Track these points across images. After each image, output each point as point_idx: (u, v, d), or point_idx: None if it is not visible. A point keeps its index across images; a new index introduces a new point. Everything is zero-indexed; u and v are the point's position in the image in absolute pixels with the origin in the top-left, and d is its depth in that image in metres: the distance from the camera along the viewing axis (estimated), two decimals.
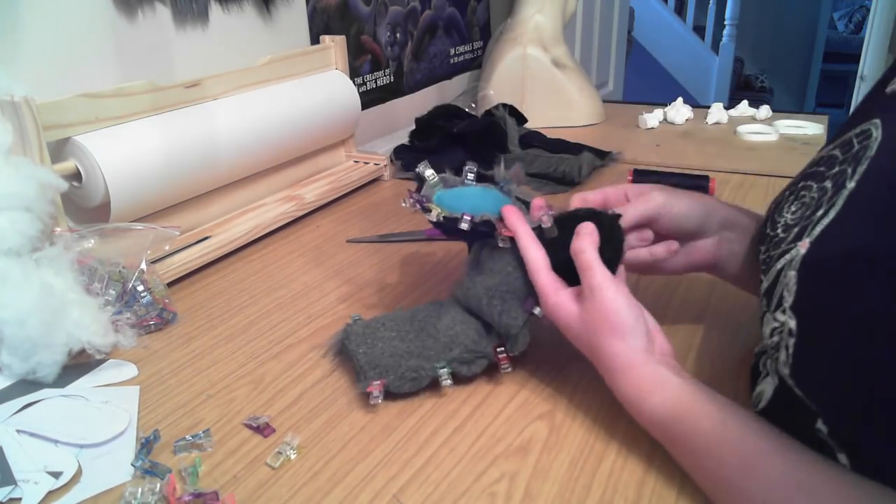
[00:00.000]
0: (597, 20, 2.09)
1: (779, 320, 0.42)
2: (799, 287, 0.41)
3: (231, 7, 0.95)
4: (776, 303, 0.43)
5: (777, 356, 0.41)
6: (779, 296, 0.42)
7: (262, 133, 0.90)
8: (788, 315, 0.40)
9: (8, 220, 0.60)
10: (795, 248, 0.43)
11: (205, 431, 0.52)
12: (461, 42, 1.52)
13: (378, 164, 1.09)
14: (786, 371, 0.40)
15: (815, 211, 0.44)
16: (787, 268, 0.42)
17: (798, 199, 0.48)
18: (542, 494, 0.45)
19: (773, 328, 0.42)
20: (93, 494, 0.46)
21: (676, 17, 3.91)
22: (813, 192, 0.47)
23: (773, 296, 0.43)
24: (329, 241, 0.88)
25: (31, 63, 0.73)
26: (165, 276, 0.73)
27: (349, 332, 0.58)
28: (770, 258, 0.46)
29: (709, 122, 1.36)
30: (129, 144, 0.74)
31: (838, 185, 0.43)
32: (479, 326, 0.56)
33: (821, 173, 0.48)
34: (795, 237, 0.44)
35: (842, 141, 0.48)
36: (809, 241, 0.42)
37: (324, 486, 0.47)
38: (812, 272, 0.40)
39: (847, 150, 0.46)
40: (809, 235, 0.42)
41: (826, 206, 0.43)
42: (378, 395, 0.53)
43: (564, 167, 1.07)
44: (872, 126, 0.45)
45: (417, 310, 0.60)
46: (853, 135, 0.47)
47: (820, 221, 0.42)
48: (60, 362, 0.59)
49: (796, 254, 0.42)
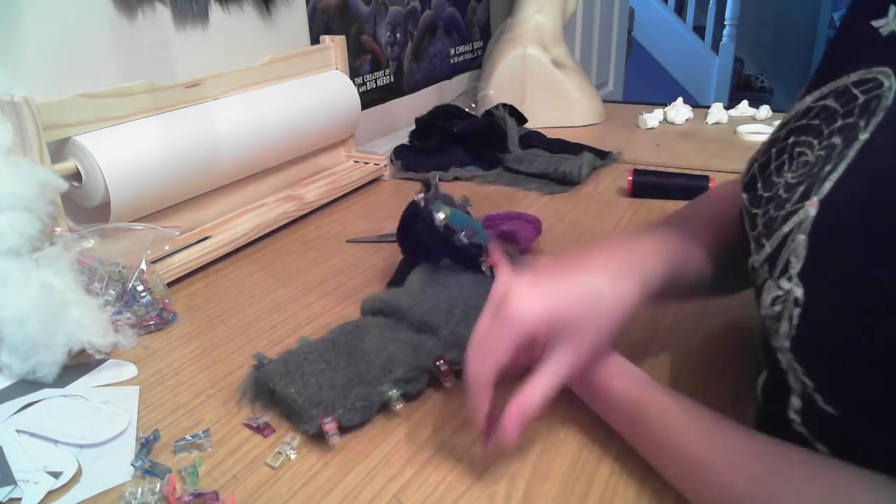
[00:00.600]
0: (597, 20, 2.09)
1: (783, 288, 0.38)
2: (809, 252, 0.37)
3: (231, 7, 0.95)
4: (781, 269, 0.39)
5: (777, 327, 0.38)
6: (784, 261, 0.39)
7: (262, 133, 0.90)
8: (795, 282, 0.37)
9: (8, 220, 0.60)
10: (804, 208, 0.38)
11: (205, 431, 0.52)
12: (461, 42, 1.52)
13: (378, 164, 1.09)
14: (786, 343, 0.38)
15: (823, 165, 0.39)
16: (795, 231, 0.38)
17: (795, 159, 0.44)
18: (542, 494, 0.45)
19: (776, 297, 0.39)
20: (93, 494, 0.46)
21: (676, 17, 3.91)
22: (818, 150, 0.42)
23: (777, 262, 0.39)
24: (329, 241, 0.88)
25: (31, 63, 0.73)
26: (165, 276, 0.73)
27: (269, 372, 0.53)
28: (772, 220, 0.42)
29: (709, 122, 1.36)
30: (129, 144, 0.74)
31: (848, 137, 0.39)
32: (409, 342, 0.56)
33: (816, 127, 0.43)
34: (801, 196, 0.39)
35: (835, 90, 0.43)
36: (818, 201, 0.38)
37: (324, 486, 0.47)
38: (823, 238, 0.37)
39: (848, 101, 0.41)
40: (817, 193, 0.38)
41: (835, 160, 0.39)
42: (335, 433, 0.49)
43: (564, 167, 1.07)
44: (881, 75, 0.40)
45: (332, 336, 0.58)
46: (849, 83, 0.42)
47: (829, 177, 0.38)
48: (60, 362, 0.59)
49: (805, 216, 0.38)
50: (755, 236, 0.44)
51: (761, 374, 0.46)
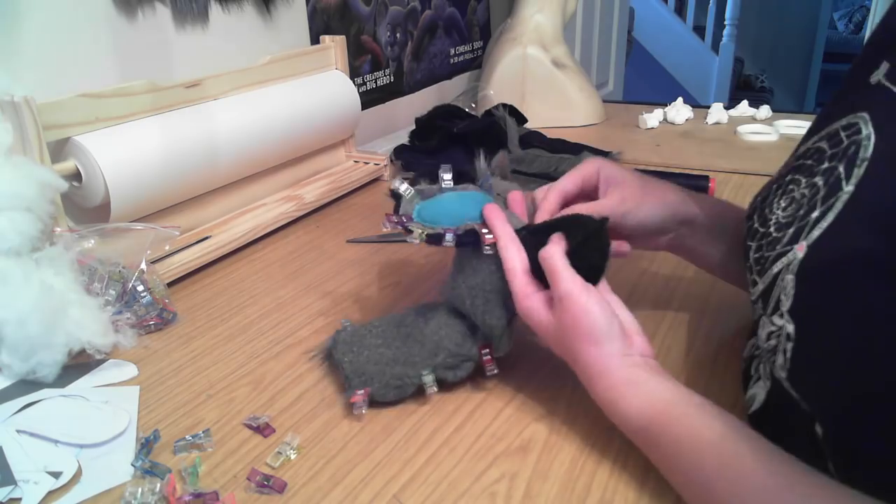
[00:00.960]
0: (597, 20, 2.09)
1: (776, 324, 0.42)
2: (797, 291, 0.40)
3: (231, 7, 0.95)
4: (773, 306, 0.42)
5: (774, 360, 0.41)
6: (776, 299, 0.42)
7: (262, 133, 0.90)
8: (786, 319, 0.40)
9: (8, 220, 0.60)
10: (792, 251, 0.42)
11: (205, 431, 0.52)
12: (461, 42, 1.52)
13: (378, 164, 1.09)
14: (783, 374, 0.40)
15: (810, 211, 0.43)
16: (784, 272, 0.42)
17: (787, 194, 0.47)
18: (542, 494, 0.45)
19: (770, 332, 0.42)
20: (93, 494, 0.46)
21: (676, 17, 3.91)
22: (802, 188, 0.46)
23: (769, 299, 0.43)
24: (329, 241, 0.88)
25: (31, 63, 0.73)
26: (165, 276, 0.73)
27: (337, 339, 0.57)
28: (765, 259, 0.45)
29: (709, 122, 1.36)
30: (129, 144, 0.74)
31: (832, 185, 0.42)
32: (463, 328, 0.55)
33: (809, 167, 0.47)
34: (791, 239, 0.43)
35: (828, 133, 0.47)
36: (807, 245, 0.41)
37: (324, 486, 0.47)
38: (810, 277, 0.40)
39: (835, 143, 0.45)
40: (806, 238, 0.42)
41: (822, 207, 0.42)
42: (362, 405, 0.52)
43: (565, 167, 1.07)
44: (860, 121, 0.44)
45: (406, 314, 0.59)
46: (839, 127, 0.46)
47: (817, 224, 0.41)
48: (60, 362, 0.59)
49: (794, 257, 0.42)
50: (748, 268, 0.48)
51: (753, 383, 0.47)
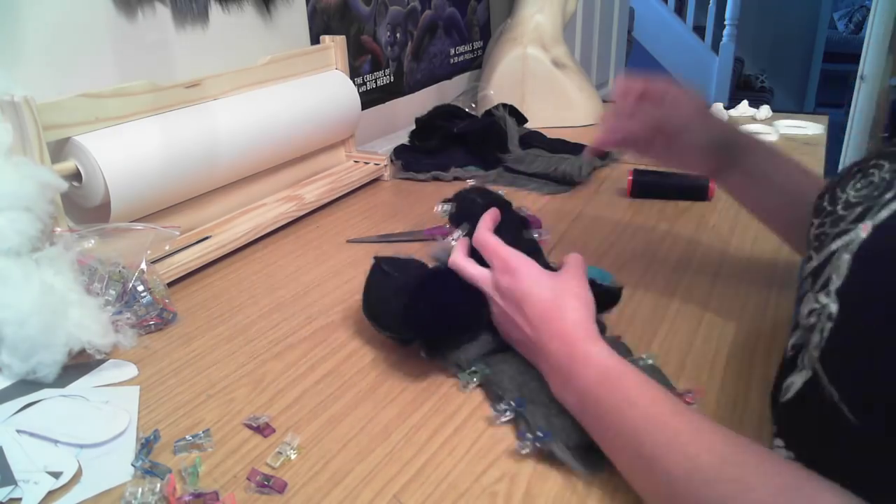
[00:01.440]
0: (597, 20, 2.09)
1: (821, 302, 0.39)
2: (850, 272, 0.38)
3: (231, 7, 0.95)
4: (822, 284, 0.40)
5: (809, 337, 0.40)
6: (826, 277, 0.40)
7: (262, 133, 0.90)
8: (832, 298, 0.38)
9: (8, 220, 0.60)
10: (856, 230, 0.40)
11: (205, 431, 0.52)
12: (461, 42, 1.52)
13: (378, 164, 1.09)
14: (815, 354, 0.39)
15: (884, 192, 0.40)
16: (841, 250, 0.40)
17: (866, 177, 0.45)
18: (542, 494, 0.45)
19: (812, 309, 0.40)
20: (93, 494, 0.46)
21: (676, 17, 3.91)
22: (884, 172, 0.43)
23: (819, 276, 0.41)
24: (329, 241, 0.88)
25: (31, 63, 0.73)
26: (165, 276, 0.73)
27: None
28: (824, 235, 0.43)
29: None
30: (129, 144, 0.74)
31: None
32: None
33: (894, 153, 0.45)
34: (857, 217, 0.41)
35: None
36: (872, 225, 0.39)
37: (324, 486, 0.47)
38: (869, 259, 0.38)
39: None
40: (873, 218, 0.39)
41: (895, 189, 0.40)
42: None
43: (565, 167, 1.07)
44: None
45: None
46: None
47: (887, 205, 0.39)
48: (60, 362, 0.59)
49: (855, 237, 0.39)
50: (807, 243, 0.47)
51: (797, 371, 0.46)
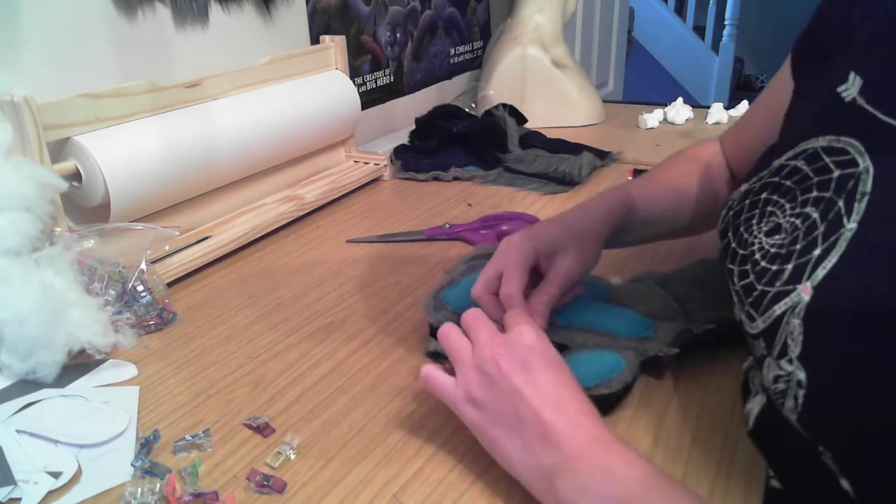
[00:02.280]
0: (597, 20, 2.09)
1: (785, 369, 0.39)
2: (806, 338, 0.38)
3: (231, 7, 0.95)
4: (779, 350, 0.40)
5: (783, 402, 0.39)
6: (782, 344, 0.40)
7: (262, 133, 0.90)
8: (796, 366, 0.38)
9: (8, 220, 0.60)
10: (796, 292, 0.40)
11: (205, 431, 0.52)
12: (461, 42, 1.52)
13: (378, 164, 1.09)
14: (793, 417, 0.39)
15: (809, 247, 0.41)
16: (789, 315, 0.40)
17: (767, 218, 0.46)
18: None
19: (778, 375, 0.40)
20: (93, 494, 0.46)
21: (676, 17, 3.91)
22: (790, 216, 0.44)
23: (774, 342, 0.41)
24: (329, 241, 0.88)
25: (31, 63, 0.73)
26: (165, 276, 0.73)
27: None
28: (763, 294, 0.43)
29: (709, 122, 1.36)
30: (129, 144, 0.74)
31: (833, 221, 0.41)
32: None
33: (789, 190, 0.45)
34: (792, 277, 0.41)
35: (805, 153, 0.46)
36: (812, 287, 0.39)
37: (324, 486, 0.47)
38: (820, 323, 0.38)
39: (821, 170, 0.43)
40: (810, 279, 0.39)
41: (823, 244, 0.40)
42: None
43: (565, 167, 1.07)
44: (852, 150, 0.42)
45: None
46: (819, 148, 0.45)
47: (821, 264, 0.39)
48: (60, 362, 0.59)
49: (799, 300, 0.39)
50: (735, 291, 0.46)
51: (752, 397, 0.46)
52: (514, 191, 1.03)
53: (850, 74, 0.45)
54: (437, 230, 0.88)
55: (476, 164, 1.12)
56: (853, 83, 0.45)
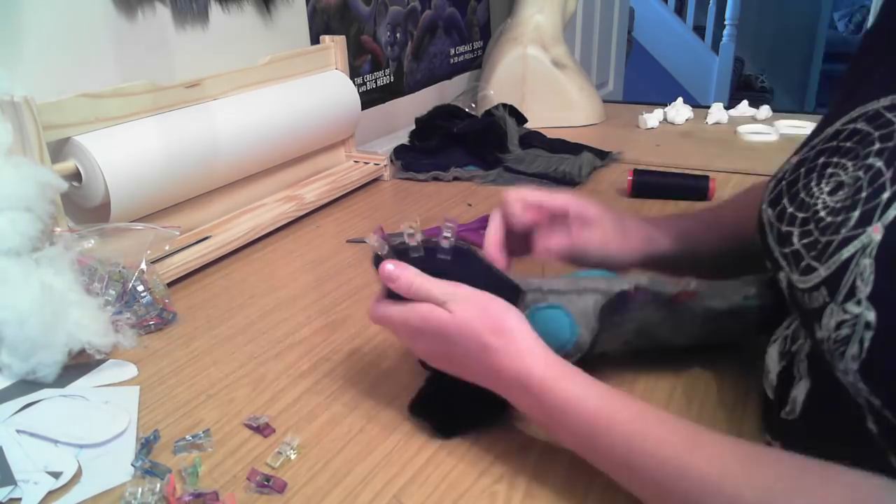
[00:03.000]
0: (597, 20, 2.09)
1: (851, 312, 0.38)
2: (878, 276, 0.37)
3: (231, 7, 0.95)
4: (845, 293, 0.39)
5: (843, 350, 0.39)
6: (849, 286, 0.39)
7: (262, 133, 0.90)
8: (865, 306, 0.37)
9: (8, 220, 0.60)
10: (866, 233, 0.39)
11: (205, 431, 0.52)
12: (461, 42, 1.52)
13: (378, 164, 1.09)
14: (853, 366, 0.38)
15: (877, 192, 0.40)
16: (859, 255, 0.39)
17: (828, 178, 0.45)
18: (542, 494, 0.45)
19: (842, 320, 0.39)
20: (93, 494, 0.46)
21: (676, 17, 3.91)
22: (853, 171, 0.43)
23: (840, 286, 0.40)
24: (329, 241, 0.88)
25: (31, 63, 0.73)
26: (165, 276, 0.73)
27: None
28: (826, 244, 0.42)
29: (709, 122, 1.36)
30: (129, 144, 0.74)
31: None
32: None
33: (850, 150, 0.44)
34: (860, 221, 0.40)
35: (865, 114, 0.45)
36: (883, 226, 0.38)
37: (324, 486, 0.46)
38: (893, 260, 0.37)
39: (884, 125, 0.43)
40: (881, 220, 0.38)
41: (892, 187, 0.39)
42: None
43: (564, 167, 1.07)
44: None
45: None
46: (881, 107, 0.44)
47: (892, 205, 0.38)
48: (60, 362, 0.59)
49: (869, 241, 0.38)
50: (788, 254, 0.45)
51: (797, 383, 0.46)
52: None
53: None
54: (436, 230, 0.88)
55: (476, 164, 1.12)
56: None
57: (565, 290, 0.53)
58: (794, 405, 0.45)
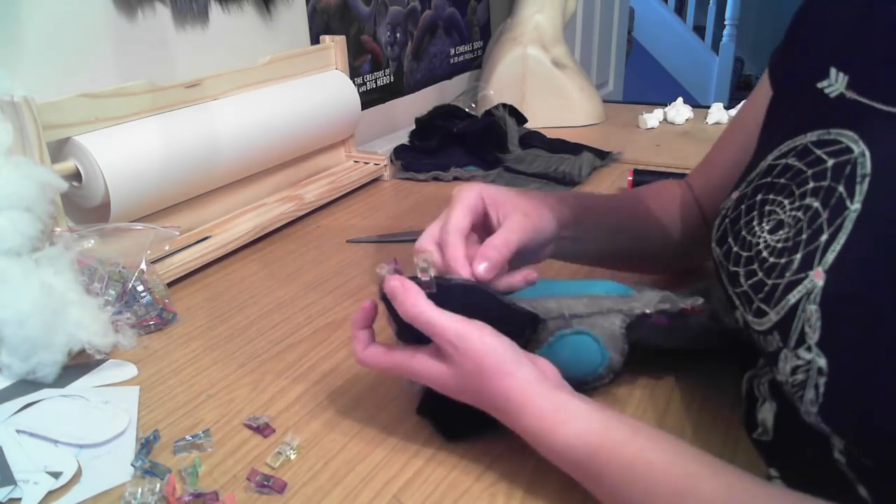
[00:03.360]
0: (597, 20, 2.09)
1: (803, 358, 0.39)
2: (825, 322, 0.38)
3: (231, 7, 0.95)
4: (797, 339, 0.39)
5: (802, 395, 0.39)
6: (799, 332, 0.39)
7: (262, 133, 0.90)
8: (816, 352, 0.38)
9: (8, 220, 0.60)
10: (808, 278, 0.39)
11: (205, 431, 0.52)
12: (461, 42, 1.52)
13: (378, 164, 1.09)
14: (813, 409, 0.38)
15: (816, 235, 0.41)
16: (804, 301, 0.39)
17: (768, 217, 0.45)
18: (542, 494, 0.45)
19: (797, 366, 0.39)
20: (93, 494, 0.46)
21: (676, 17, 3.92)
22: (790, 211, 0.44)
23: (790, 332, 0.40)
24: (329, 241, 0.88)
25: (31, 63, 0.73)
26: (165, 276, 0.73)
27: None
28: (773, 287, 0.42)
29: (709, 122, 1.36)
30: (129, 144, 0.74)
31: (835, 206, 0.40)
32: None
33: (785, 187, 0.45)
34: (802, 265, 0.40)
35: (795, 149, 0.46)
36: (824, 271, 0.39)
37: (324, 486, 0.47)
38: (837, 305, 0.38)
39: (815, 162, 0.43)
40: (821, 264, 0.39)
41: (830, 229, 0.40)
42: None
43: (564, 167, 1.07)
44: (845, 139, 0.42)
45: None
46: (808, 143, 0.45)
47: (829, 248, 0.39)
48: (60, 362, 0.59)
49: (813, 286, 0.39)
50: (740, 294, 0.46)
51: (760, 406, 0.46)
52: None
53: (830, 70, 0.45)
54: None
55: (476, 164, 1.12)
56: (837, 79, 0.45)
57: (588, 312, 0.52)
58: (764, 427, 0.45)
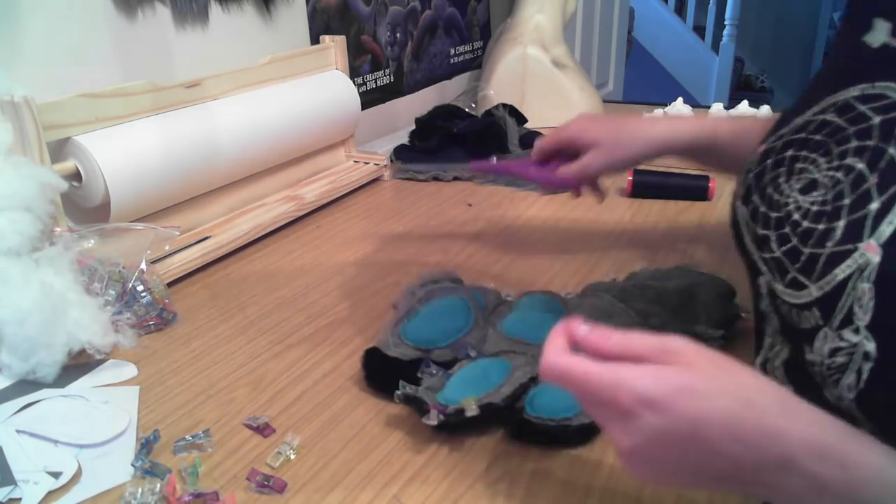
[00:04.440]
0: (597, 20, 2.09)
1: (848, 340, 0.35)
2: (879, 303, 0.34)
3: (231, 7, 0.95)
4: (842, 319, 0.36)
5: (838, 378, 0.36)
6: (846, 311, 0.36)
7: (262, 133, 0.90)
8: (864, 335, 0.35)
9: (8, 220, 0.60)
10: (858, 251, 0.36)
11: (205, 431, 0.52)
12: (461, 42, 1.52)
13: (378, 164, 1.09)
14: (849, 395, 0.35)
15: (862, 201, 0.37)
16: (856, 278, 0.36)
17: (798, 175, 0.42)
18: (542, 494, 0.45)
19: (838, 347, 0.36)
20: (93, 494, 0.46)
21: (676, 17, 3.91)
22: (828, 170, 0.40)
23: (834, 310, 0.36)
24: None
25: (31, 63, 0.73)
26: (165, 276, 0.73)
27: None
28: (808, 258, 0.38)
29: None
30: (129, 144, 0.74)
31: (885, 170, 0.37)
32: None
33: (821, 143, 0.42)
34: (847, 235, 0.37)
35: (835, 105, 0.42)
36: (879, 245, 0.35)
37: (324, 486, 0.47)
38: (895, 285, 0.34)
39: (858, 119, 0.40)
40: (875, 236, 0.35)
41: (881, 197, 0.36)
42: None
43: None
44: (889, 91, 0.39)
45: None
46: (850, 98, 0.41)
47: (884, 219, 0.35)
48: (60, 362, 0.59)
49: (866, 262, 0.35)
50: (769, 261, 0.42)
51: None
52: (513, 191, 1.03)
53: (874, 21, 0.42)
54: (483, 162, 0.86)
55: None
56: (879, 29, 0.41)
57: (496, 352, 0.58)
58: None
